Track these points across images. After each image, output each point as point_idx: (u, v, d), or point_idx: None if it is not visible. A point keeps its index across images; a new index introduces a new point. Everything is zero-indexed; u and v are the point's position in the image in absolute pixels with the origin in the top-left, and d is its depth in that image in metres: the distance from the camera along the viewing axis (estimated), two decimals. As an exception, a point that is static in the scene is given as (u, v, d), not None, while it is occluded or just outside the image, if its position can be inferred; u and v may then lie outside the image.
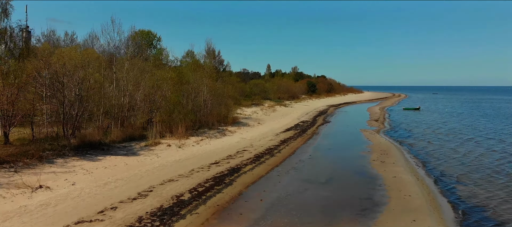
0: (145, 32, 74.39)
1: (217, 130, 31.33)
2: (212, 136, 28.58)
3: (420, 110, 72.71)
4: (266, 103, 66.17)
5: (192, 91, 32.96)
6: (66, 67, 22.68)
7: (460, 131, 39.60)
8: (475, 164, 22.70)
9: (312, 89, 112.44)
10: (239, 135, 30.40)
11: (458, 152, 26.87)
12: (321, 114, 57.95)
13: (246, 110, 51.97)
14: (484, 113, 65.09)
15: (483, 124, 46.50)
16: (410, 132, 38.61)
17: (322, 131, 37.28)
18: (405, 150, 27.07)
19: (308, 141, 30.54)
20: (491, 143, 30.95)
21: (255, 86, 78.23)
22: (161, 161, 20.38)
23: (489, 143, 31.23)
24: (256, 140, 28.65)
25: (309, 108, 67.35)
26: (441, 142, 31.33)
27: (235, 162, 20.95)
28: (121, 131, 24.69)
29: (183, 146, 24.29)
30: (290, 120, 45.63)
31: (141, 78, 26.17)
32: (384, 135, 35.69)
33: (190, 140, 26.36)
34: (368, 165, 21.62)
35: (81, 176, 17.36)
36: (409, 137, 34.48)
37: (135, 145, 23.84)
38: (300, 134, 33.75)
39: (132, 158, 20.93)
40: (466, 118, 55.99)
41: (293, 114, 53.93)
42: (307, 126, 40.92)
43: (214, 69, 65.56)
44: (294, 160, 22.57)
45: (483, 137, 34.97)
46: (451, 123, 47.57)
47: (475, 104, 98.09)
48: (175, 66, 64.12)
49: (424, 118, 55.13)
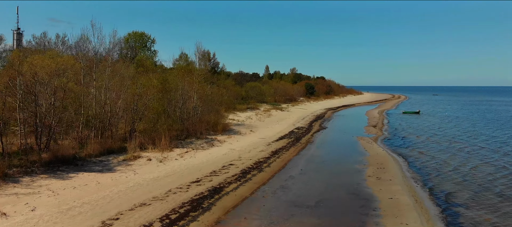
0: (138, 34, 73.02)
1: (205, 140, 29.67)
2: (199, 147, 26.92)
3: (420, 114, 71.05)
4: (262, 107, 64.53)
5: (180, 98, 31.33)
6: (38, 76, 21.06)
7: (461, 138, 37.95)
8: (478, 181, 21.04)
9: (311, 92, 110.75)
10: (228, 145, 28.75)
11: (459, 165, 25.22)
12: (318, 119, 56.32)
13: (240, 115, 50.32)
14: (485, 118, 63.42)
15: (484, 132, 44.82)
16: (409, 140, 36.95)
17: (317, 139, 35.63)
18: (403, 163, 25.42)
19: (301, 151, 28.89)
20: (494, 156, 29.30)
21: (251, 89, 76.55)
22: (137, 179, 18.73)
23: (492, 156, 29.57)
24: (245, 151, 27.00)
25: (306, 112, 65.71)
26: (442, 153, 29.68)
27: (218, 179, 19.29)
28: (99, 144, 23.04)
29: (165, 160, 22.64)
30: (285, 126, 43.97)
31: (122, 86, 24.53)
32: (382, 144, 34.04)
33: (174, 152, 24.70)
34: (363, 182, 19.97)
35: (45, 198, 15.73)
36: (408, 146, 32.84)
37: (112, 159, 22.19)
38: (294, 143, 32.10)
39: (107, 175, 19.28)
40: (467, 123, 54.35)
41: (289, 119, 52.28)
42: (302, 133, 39.27)
43: (207, 73, 64.07)
44: (283, 176, 20.92)
45: (485, 147, 33.32)
46: (451, 129, 45.93)
47: (475, 106, 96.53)
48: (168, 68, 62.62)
49: (424, 123, 53.48)
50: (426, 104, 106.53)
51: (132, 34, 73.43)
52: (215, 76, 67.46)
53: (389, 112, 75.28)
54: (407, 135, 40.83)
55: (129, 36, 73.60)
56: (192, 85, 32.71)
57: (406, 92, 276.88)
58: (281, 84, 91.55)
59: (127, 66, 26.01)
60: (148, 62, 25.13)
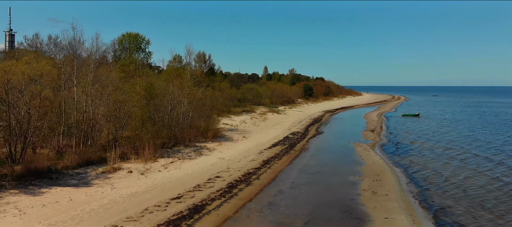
0: (133, 35, 71.56)
1: (194, 148, 28.32)
2: (186, 157, 25.57)
3: (420, 117, 69.71)
4: (258, 110, 63.18)
5: (168, 104, 30.00)
6: (11, 83, 19.72)
7: (460, 145, 36.60)
8: (480, 196, 19.71)
9: (309, 93, 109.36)
10: (217, 154, 27.39)
11: (458, 177, 23.91)
12: (315, 122, 54.96)
13: (235, 119, 48.98)
14: (483, 121, 62.03)
15: (482, 137, 43.46)
16: (407, 146, 35.62)
17: (313, 146, 34.28)
18: (401, 174, 24.07)
19: (295, 160, 27.55)
20: (488, 165, 27.98)
21: (248, 92, 75.20)
22: (113, 195, 17.38)
23: (486, 165, 28.24)
24: (235, 160, 25.65)
25: (303, 115, 64.34)
26: (440, 161, 28.37)
27: (201, 195, 17.94)
28: (78, 154, 21.69)
29: (147, 172, 21.29)
30: (280, 130, 42.63)
31: (103, 92, 23.19)
32: (380, 151, 32.70)
33: (158, 162, 23.36)
34: (357, 197, 18.62)
35: (10, 218, 14.40)
36: (407, 154, 31.51)
37: (91, 172, 20.84)
38: (287, 151, 30.76)
39: (82, 190, 17.94)
40: (465, 128, 52.98)
41: (284, 123, 50.92)
42: (297, 138, 37.92)
43: (200, 75, 62.67)
44: (272, 190, 19.57)
45: (486, 155, 31.99)
46: (450, 133, 44.59)
47: (474, 108, 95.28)
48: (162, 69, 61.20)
49: (423, 127, 52.14)
50: (425, 106, 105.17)
51: (126, 35, 72.00)
52: (211, 78, 66.21)
53: (388, 115, 73.93)
54: (405, 140, 39.49)
55: (123, 37, 72.37)
56: (182, 89, 31.36)
57: (406, 93, 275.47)
58: (279, 86, 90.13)
59: (110, 71, 24.62)
60: (132, 66, 23.78)
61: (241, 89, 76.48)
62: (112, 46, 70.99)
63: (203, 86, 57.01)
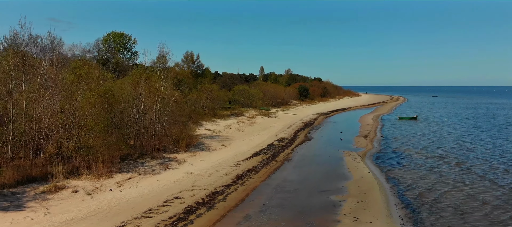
0: (118, 35, 68.75)
1: (161, 160, 25.43)
2: (148, 171, 22.69)
3: (417, 120, 66.85)
4: (248, 113, 60.30)
5: (135, 111, 27.12)
6: None
7: (459, 154, 33.73)
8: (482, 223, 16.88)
9: (304, 94, 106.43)
10: (187, 167, 24.52)
11: (457, 196, 21.07)
12: (306, 126, 52.08)
13: (220, 123, 46.10)
14: (482, 126, 59.18)
15: (483, 142, 40.60)
16: (401, 155, 32.76)
17: (297, 155, 31.42)
18: (391, 192, 21.20)
19: (274, 173, 24.70)
20: (497, 186, 25.14)
21: (239, 93, 72.33)
22: (43, 223, 14.51)
23: (496, 186, 25.41)
24: (204, 176, 22.78)
25: (295, 118, 61.46)
26: (436, 174, 25.53)
27: (148, 224, 15.07)
28: (16, 170, 18.82)
29: (95, 192, 18.42)
30: (266, 137, 39.76)
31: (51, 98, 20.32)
32: (370, 161, 29.84)
33: (113, 179, 20.48)
34: (335, 225, 15.77)
35: None
36: (400, 165, 28.67)
37: (30, 191, 17.95)
38: (268, 162, 27.91)
39: (9, 216, 15.08)
40: (465, 132, 50.11)
41: (273, 127, 48.04)
42: (283, 146, 35.06)
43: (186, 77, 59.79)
44: (237, 216, 16.70)
45: (486, 169, 29.16)
46: (449, 139, 41.70)
47: (473, 110, 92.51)
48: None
49: (420, 132, 49.29)
50: (424, 108, 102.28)
51: (111, 35, 69.16)
52: (199, 79, 63.35)
53: (384, 117, 71.05)
54: (400, 147, 36.64)
55: (107, 36, 69.43)
56: (152, 93, 28.49)
57: (406, 93, 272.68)
58: (272, 87, 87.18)
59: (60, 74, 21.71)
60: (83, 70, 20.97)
61: (232, 91, 73.64)
62: (96, 46, 68.38)
63: (188, 88, 54.24)
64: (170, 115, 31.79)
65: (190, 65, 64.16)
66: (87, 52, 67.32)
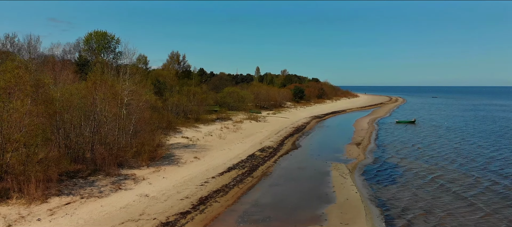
0: (100, 34, 65.17)
1: (116, 177, 22.01)
2: (95, 193, 19.27)
3: (415, 124, 63.43)
4: (236, 117, 56.89)
5: (87, 120, 23.70)
6: None
7: (459, 167, 30.37)
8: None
9: (300, 96, 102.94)
10: (144, 186, 21.09)
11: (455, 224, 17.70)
12: (296, 132, 48.67)
13: (202, 129, 42.68)
14: (485, 130, 55.78)
15: (485, 151, 37.22)
16: (395, 168, 29.39)
17: (279, 169, 28.01)
18: (379, 220, 17.80)
19: (245, 195, 21.29)
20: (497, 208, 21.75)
21: (228, 95, 68.95)
22: None
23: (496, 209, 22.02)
24: (161, 199, 19.36)
25: (286, 122, 58.03)
26: (431, 195, 22.16)
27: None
28: None
29: (17, 223, 15.01)
30: (249, 145, 36.35)
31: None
32: (360, 177, 26.46)
33: (47, 204, 17.04)
34: (304, 276, 12.38)
35: None
36: (393, 182, 25.30)
37: None
38: (243, 178, 24.52)
39: None
40: (465, 139, 46.74)
41: (259, 133, 44.64)
42: (265, 157, 31.66)
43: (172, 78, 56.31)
44: (182, 260, 13.30)
45: (486, 185, 25.81)
46: (447, 147, 38.32)
47: (474, 113, 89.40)
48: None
49: (418, 138, 45.93)
50: (423, 110, 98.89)
51: (94, 34, 65.64)
52: (184, 80, 59.92)
53: (381, 121, 67.63)
54: (394, 158, 33.30)
55: (89, 36, 65.94)
56: (113, 99, 25.09)
57: (405, 93, 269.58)
58: (264, 89, 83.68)
59: None
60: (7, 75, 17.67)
61: (221, 93, 70.26)
62: (76, 46, 64.95)
63: (170, 91, 50.79)
64: (138, 123, 28.46)
65: (176, 66, 60.69)
66: (68, 52, 64.24)
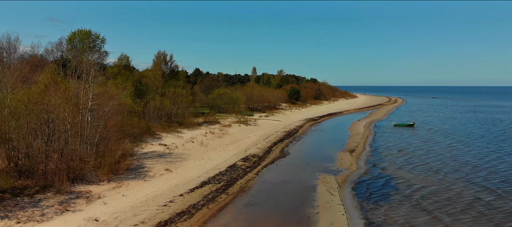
0: (84, 33, 62.26)
1: (67, 195, 19.08)
2: (36, 216, 16.34)
3: (414, 127, 60.49)
4: (225, 120, 54.00)
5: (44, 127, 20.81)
6: None
7: (460, 178, 27.51)
8: None
9: (296, 97, 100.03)
10: (96, 207, 18.18)
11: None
12: (287, 137, 45.74)
13: (185, 135, 39.81)
14: (485, 134, 52.86)
15: (486, 157, 34.34)
16: (390, 180, 26.50)
17: (260, 182, 25.11)
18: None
19: (213, 218, 18.34)
20: None
21: (219, 97, 66.05)
22: None
23: None
24: (111, 224, 16.42)
25: (278, 126, 55.08)
26: (433, 210, 19.27)
27: None
28: None
29: None
30: (232, 153, 33.46)
31: None
32: (350, 192, 23.56)
33: (-37, 238, 14.19)
34: None
35: None
36: (386, 197, 22.42)
37: None
38: (217, 194, 21.60)
39: None
40: (465, 144, 43.88)
41: (247, 139, 41.73)
42: (247, 167, 28.76)
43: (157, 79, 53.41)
44: None
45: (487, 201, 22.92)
46: (449, 154, 35.44)
47: (474, 114, 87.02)
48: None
49: (416, 143, 43.06)
50: (422, 111, 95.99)
51: (77, 33, 62.71)
52: (171, 81, 56.95)
53: (378, 124, 64.68)
54: (390, 166, 30.47)
55: (73, 35, 62.96)
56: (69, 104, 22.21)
57: (405, 93, 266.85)
58: (257, 90, 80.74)
59: None
60: None
61: (211, 94, 67.39)
62: (59, 45, 62.06)
63: (152, 93, 47.88)
64: (104, 130, 25.60)
65: (163, 66, 57.77)
66: (50, 52, 61.42)
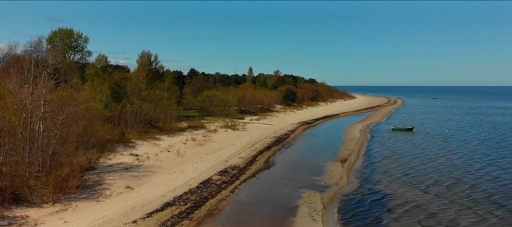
0: (65, 31, 59.19)
1: (3, 220, 15.94)
2: None
3: (413, 131, 57.24)
4: (212, 124, 50.77)
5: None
6: None
7: (457, 194, 24.33)
8: None
9: (291, 98, 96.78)
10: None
11: None
12: (275, 143, 42.58)
13: (163, 142, 36.63)
14: (486, 138, 49.68)
15: (488, 167, 31.17)
16: (383, 199, 23.31)
17: (234, 202, 21.92)
18: None
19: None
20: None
21: (207, 100, 62.85)
22: None
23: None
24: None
25: (268, 130, 51.89)
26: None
27: None
28: None
29: None
30: (210, 164, 30.28)
31: None
32: (335, 215, 20.37)
33: None
34: None
35: None
36: (377, 221, 19.23)
37: None
38: (177, 221, 18.44)
39: None
40: (465, 151, 40.75)
41: (232, 146, 38.55)
42: (223, 182, 25.59)
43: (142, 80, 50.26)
44: None
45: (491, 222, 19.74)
46: (446, 163, 32.28)
47: (474, 116, 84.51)
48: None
49: (415, 150, 39.98)
50: (422, 113, 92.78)
51: (58, 32, 59.57)
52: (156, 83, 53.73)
53: (375, 128, 61.41)
54: (384, 180, 27.41)
55: (53, 34, 59.82)
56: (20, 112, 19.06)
57: (405, 94, 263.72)
58: (249, 92, 77.53)
59: None
60: None
61: (199, 97, 64.19)
62: (38, 44, 59.00)
63: (131, 96, 44.71)
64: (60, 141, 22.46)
65: (146, 67, 54.56)
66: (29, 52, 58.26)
